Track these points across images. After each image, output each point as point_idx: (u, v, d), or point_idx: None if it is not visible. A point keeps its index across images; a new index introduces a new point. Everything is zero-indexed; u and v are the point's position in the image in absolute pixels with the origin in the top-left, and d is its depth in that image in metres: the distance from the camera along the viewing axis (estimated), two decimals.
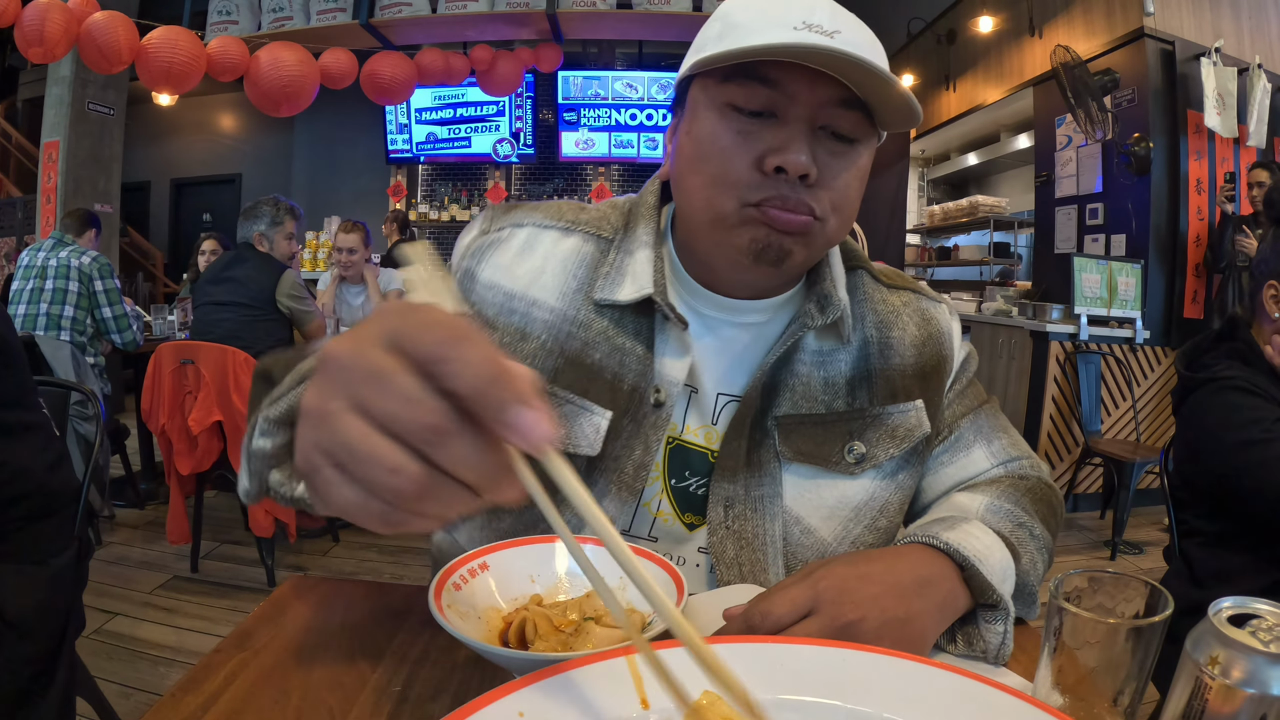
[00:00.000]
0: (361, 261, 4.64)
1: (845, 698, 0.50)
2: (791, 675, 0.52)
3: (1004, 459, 0.98)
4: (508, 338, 0.88)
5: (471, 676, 0.68)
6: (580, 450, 0.86)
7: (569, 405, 0.86)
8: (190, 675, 0.67)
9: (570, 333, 0.88)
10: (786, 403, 0.90)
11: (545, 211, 0.95)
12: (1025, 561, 0.82)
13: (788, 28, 0.75)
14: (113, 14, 4.61)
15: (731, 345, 0.92)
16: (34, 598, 1.48)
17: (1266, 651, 0.48)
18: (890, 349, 0.94)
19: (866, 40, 0.79)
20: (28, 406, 1.55)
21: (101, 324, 4.00)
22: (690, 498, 0.91)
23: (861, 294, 0.97)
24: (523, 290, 0.89)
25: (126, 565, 3.54)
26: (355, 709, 0.63)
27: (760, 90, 0.77)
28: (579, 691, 0.48)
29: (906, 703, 0.50)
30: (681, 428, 0.91)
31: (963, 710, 0.49)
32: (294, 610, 0.80)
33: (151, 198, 10.91)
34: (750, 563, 0.88)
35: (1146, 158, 5.16)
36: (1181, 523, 1.88)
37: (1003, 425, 1.02)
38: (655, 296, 0.85)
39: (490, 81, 6.01)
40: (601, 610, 0.68)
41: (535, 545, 0.77)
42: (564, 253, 0.91)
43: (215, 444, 3.22)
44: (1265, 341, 1.76)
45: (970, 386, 1.02)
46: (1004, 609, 0.75)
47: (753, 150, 0.78)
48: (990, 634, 0.74)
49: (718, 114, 0.80)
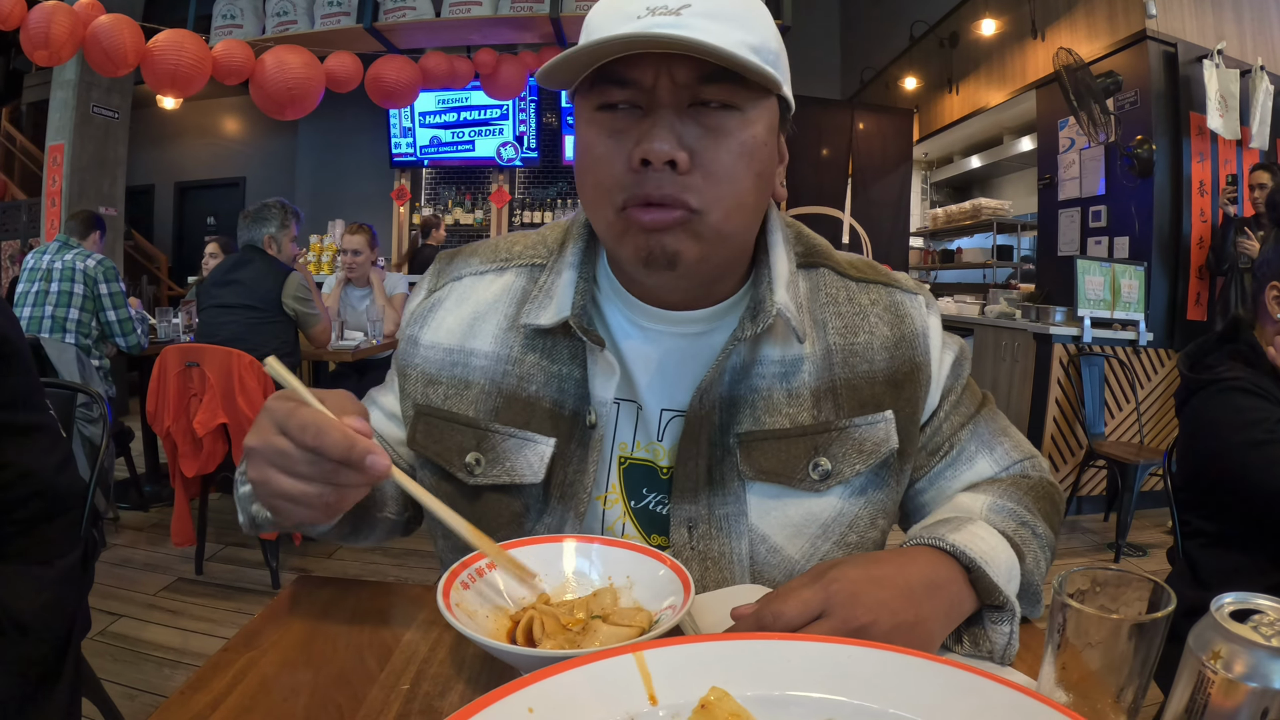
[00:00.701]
0: (367, 263, 4.64)
1: (851, 693, 0.51)
2: (799, 671, 0.52)
3: (1008, 464, 0.96)
4: (452, 389, 0.91)
5: (479, 675, 0.69)
6: (525, 479, 0.87)
7: (512, 439, 0.88)
8: (199, 674, 0.68)
9: (506, 371, 0.89)
10: (748, 419, 0.87)
11: (484, 254, 0.98)
12: (1029, 561, 0.81)
13: (630, 19, 0.73)
14: (118, 17, 4.61)
15: (671, 357, 0.89)
16: (41, 598, 1.48)
17: (1268, 646, 0.49)
18: (857, 355, 0.89)
19: (727, 6, 0.74)
20: (35, 408, 1.55)
21: (106, 327, 4.01)
22: (653, 517, 0.90)
23: (824, 294, 0.92)
24: (459, 344, 0.92)
25: (131, 567, 3.55)
26: (364, 707, 0.63)
27: (616, 89, 0.75)
28: (588, 687, 0.48)
29: (911, 698, 0.50)
30: (631, 445, 0.90)
31: (965, 704, 0.49)
32: (301, 610, 0.81)
33: (156, 201, 10.94)
34: (717, 583, 0.86)
35: (1149, 160, 5.16)
36: (1184, 524, 1.88)
37: (1002, 427, 0.99)
38: (570, 320, 0.84)
39: (494, 85, 6.01)
40: (608, 608, 0.69)
41: (541, 545, 0.78)
42: (495, 294, 0.93)
43: (220, 446, 3.23)
44: (1268, 343, 1.76)
45: (966, 393, 0.98)
46: (1010, 609, 0.75)
47: (624, 147, 0.75)
48: (997, 635, 0.74)
49: (588, 123, 0.79)
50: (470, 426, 0.89)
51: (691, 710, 0.49)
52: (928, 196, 10.17)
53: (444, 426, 0.90)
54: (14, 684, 1.46)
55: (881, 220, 7.97)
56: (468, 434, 0.89)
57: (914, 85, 8.54)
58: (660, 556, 0.75)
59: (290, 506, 0.67)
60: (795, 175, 7.71)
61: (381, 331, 4.44)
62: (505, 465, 0.87)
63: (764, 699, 0.50)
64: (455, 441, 0.89)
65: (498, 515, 0.88)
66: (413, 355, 0.94)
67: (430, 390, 0.92)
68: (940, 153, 9.59)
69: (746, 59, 0.70)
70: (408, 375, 0.94)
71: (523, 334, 0.89)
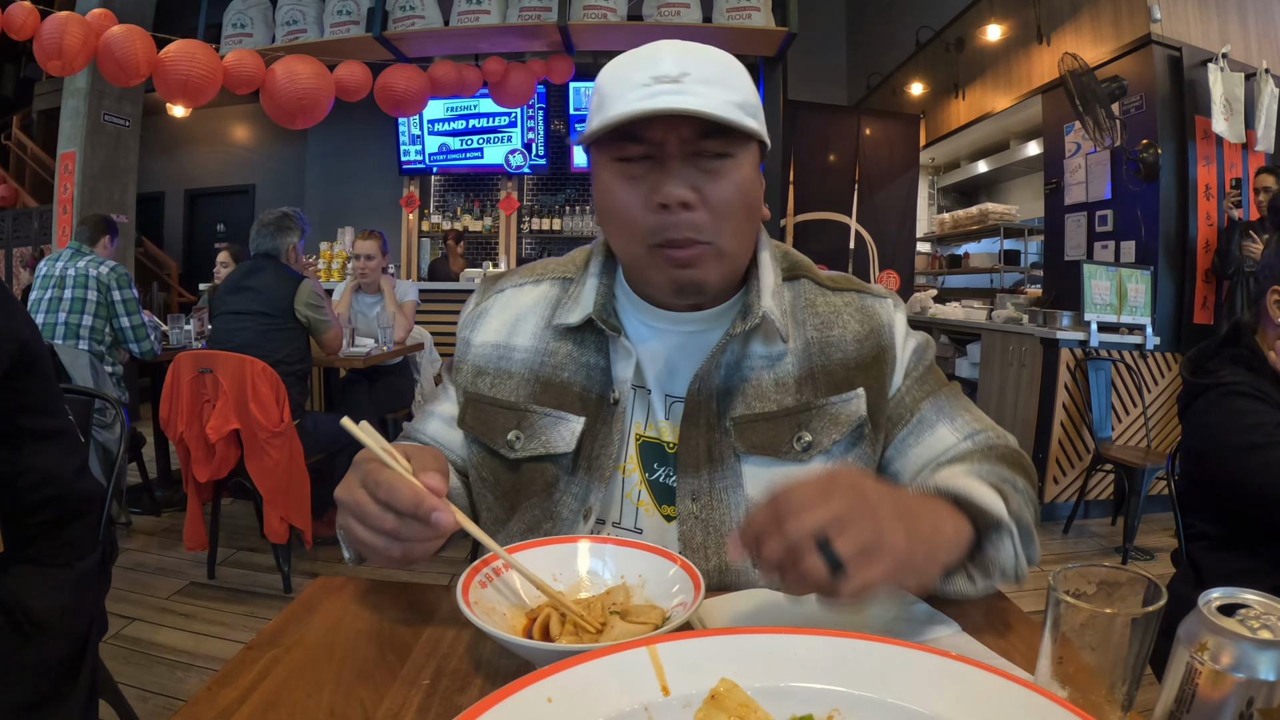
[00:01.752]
0: (378, 269, 4.67)
1: (853, 685, 0.53)
2: (804, 664, 0.54)
3: (969, 433, 1.05)
4: (497, 378, 1.08)
5: (497, 670, 0.71)
6: (558, 450, 1.02)
7: (547, 417, 1.03)
8: (225, 671, 0.70)
9: (542, 361, 1.06)
10: (741, 405, 1.01)
11: (522, 272, 1.17)
12: (1014, 505, 0.87)
13: (639, 87, 0.89)
14: (130, 28, 4.66)
15: (675, 351, 1.05)
16: (60, 599, 1.51)
17: (1253, 638, 0.51)
18: (831, 346, 1.04)
19: (715, 71, 0.92)
20: (54, 413, 1.58)
21: (120, 333, 4.05)
22: (663, 488, 1.04)
23: (804, 300, 1.08)
24: (504, 340, 1.10)
25: (143, 571, 3.58)
26: (386, 700, 0.66)
27: (634, 145, 0.92)
28: (603, 678, 0.51)
29: (910, 688, 0.52)
30: (645, 425, 1.05)
31: (961, 693, 0.51)
32: (323, 609, 0.83)
33: (166, 208, 11.03)
34: (716, 546, 0.99)
35: (1155, 164, 5.17)
36: (1188, 526, 1.90)
37: (964, 405, 1.09)
38: (594, 316, 1.02)
39: (502, 93, 6.05)
40: (622, 605, 0.72)
41: (557, 545, 0.83)
42: (533, 300, 1.12)
43: (233, 452, 3.25)
44: (1269, 347, 1.78)
45: (928, 373, 1.10)
46: (1005, 528, 0.83)
47: (641, 192, 0.92)
48: (1001, 554, 0.83)
49: (610, 171, 0.95)
50: (511, 409, 1.05)
51: (702, 700, 0.52)
52: (935, 202, 10.19)
53: (490, 410, 1.07)
54: (35, 683, 1.49)
55: (888, 226, 7.99)
56: (509, 415, 1.05)
57: (920, 91, 8.57)
58: (671, 556, 0.79)
59: (368, 554, 0.80)
60: (802, 182, 7.73)
61: (392, 338, 4.46)
62: (542, 439, 1.03)
63: (770, 690, 0.53)
64: (499, 422, 1.06)
65: (534, 482, 1.04)
66: (465, 353, 1.12)
67: (479, 380, 1.09)
68: (947, 158, 9.61)
69: (736, 119, 0.89)
70: (461, 369, 1.12)
71: (555, 331, 1.07)
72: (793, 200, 7.72)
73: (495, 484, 1.07)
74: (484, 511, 1.10)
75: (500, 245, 8.74)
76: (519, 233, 8.84)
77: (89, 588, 1.63)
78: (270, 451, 3.19)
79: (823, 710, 0.52)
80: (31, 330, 1.51)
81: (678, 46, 0.93)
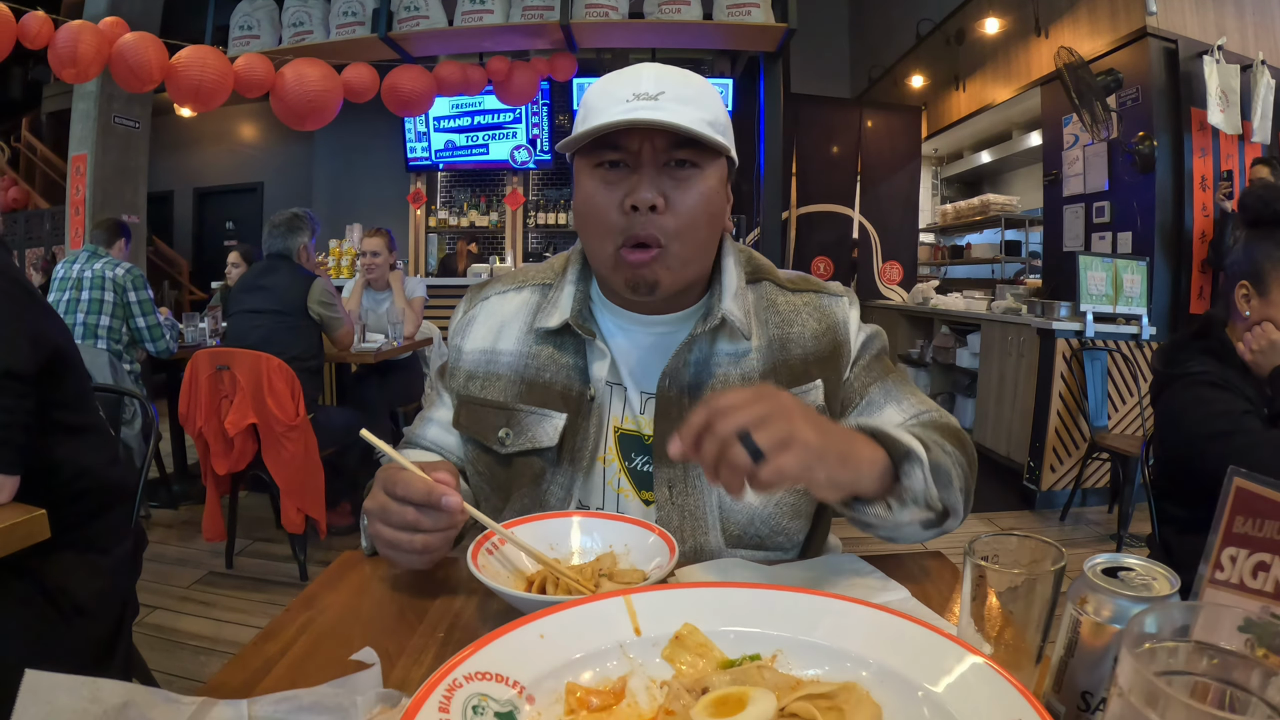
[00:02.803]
0: (385, 265, 4.77)
1: (795, 631, 0.64)
2: (755, 612, 0.65)
3: (914, 413, 1.14)
4: (487, 381, 1.17)
5: (503, 625, 0.82)
6: (543, 444, 1.12)
7: (533, 415, 1.13)
8: (268, 628, 0.82)
9: (526, 363, 1.15)
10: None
11: (505, 280, 1.26)
12: (934, 454, 0.94)
13: (621, 102, 1.00)
14: (143, 35, 4.75)
15: (645, 350, 1.14)
16: (97, 584, 1.62)
17: (1127, 594, 0.61)
18: (791, 342, 1.14)
19: (689, 92, 1.02)
20: (86, 409, 1.70)
21: (137, 333, 4.16)
22: (642, 476, 1.13)
23: (766, 300, 1.17)
24: (491, 346, 1.19)
25: (163, 562, 3.68)
26: (407, 650, 0.77)
27: (612, 153, 1.02)
28: (587, 621, 0.62)
29: (844, 634, 0.63)
30: (621, 418, 1.14)
31: (885, 639, 0.62)
32: (350, 579, 0.95)
33: (175, 207, 11.11)
34: (692, 529, 1.08)
35: (1150, 156, 5.24)
36: (1161, 511, 1.99)
37: (911, 390, 1.18)
38: (570, 320, 1.11)
39: (507, 92, 6.13)
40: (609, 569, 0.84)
41: (554, 520, 0.97)
42: (515, 307, 1.21)
43: (250, 445, 3.36)
44: (1238, 339, 1.87)
45: (876, 361, 1.19)
46: (916, 457, 0.90)
47: (617, 196, 1.02)
48: (913, 481, 0.90)
49: (590, 176, 1.05)
50: (501, 408, 1.15)
51: (668, 640, 0.63)
52: (938, 192, 10.24)
53: (481, 410, 1.16)
54: (75, 662, 1.60)
55: (891, 217, 8.06)
56: (499, 414, 1.15)
57: (921, 83, 8.63)
58: (650, 526, 0.93)
59: (395, 554, 0.90)
60: (805, 174, 7.80)
61: (402, 333, 4.57)
62: (528, 435, 1.12)
63: (724, 633, 0.64)
64: (490, 421, 1.15)
65: (523, 474, 1.13)
66: (457, 359, 1.22)
67: (470, 383, 1.18)
68: (950, 148, 9.66)
69: (706, 134, 0.99)
70: (454, 375, 1.21)
71: (537, 335, 1.16)
72: (796, 193, 7.79)
73: (490, 477, 1.17)
74: (482, 502, 1.19)
75: (506, 240, 8.83)
76: (525, 227, 8.93)
77: (123, 573, 1.74)
78: (287, 445, 3.30)
79: (768, 650, 0.63)
80: (63, 332, 1.62)
81: (658, 69, 1.04)
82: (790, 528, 1.11)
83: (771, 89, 6.49)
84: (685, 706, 0.55)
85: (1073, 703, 0.62)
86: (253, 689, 0.66)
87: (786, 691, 0.56)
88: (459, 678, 0.54)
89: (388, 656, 0.74)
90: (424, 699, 0.51)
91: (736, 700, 0.54)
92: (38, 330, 1.53)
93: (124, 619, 1.75)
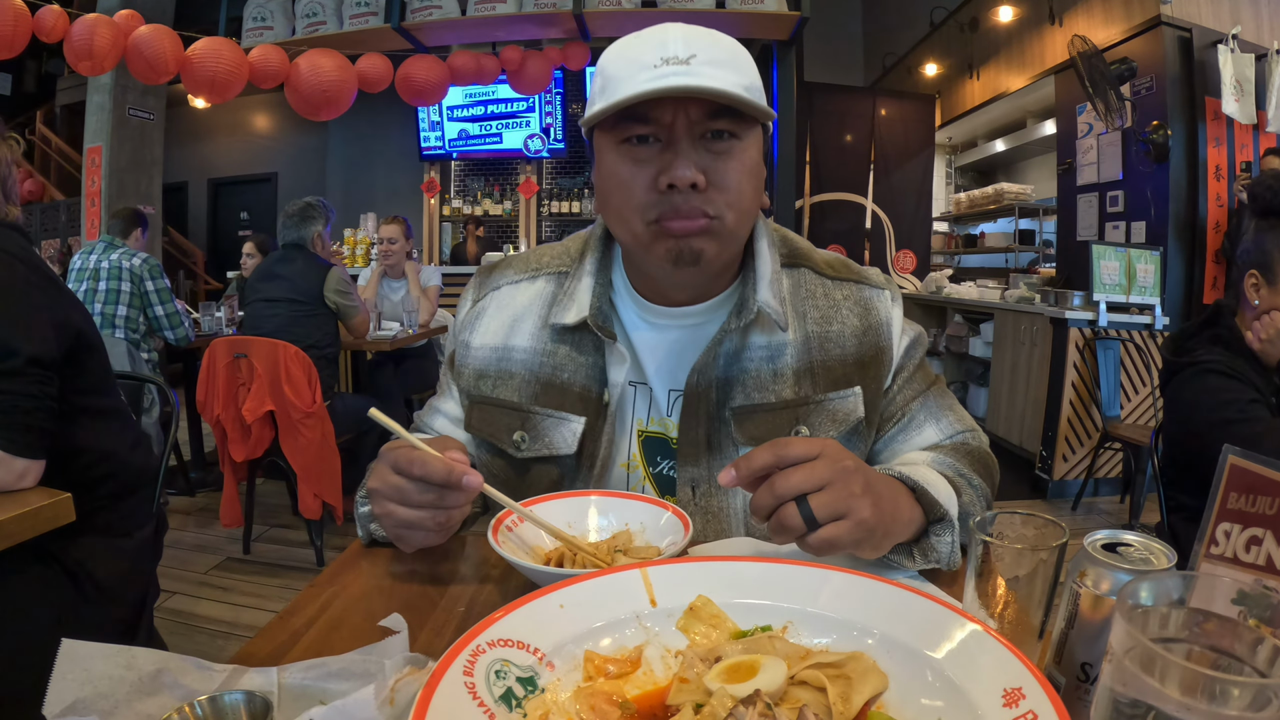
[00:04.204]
0: (402, 252, 4.82)
1: (806, 603, 0.66)
2: (767, 585, 0.68)
3: (951, 434, 1.11)
4: (499, 380, 1.10)
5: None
6: (560, 451, 1.06)
7: (549, 418, 1.07)
8: (294, 603, 0.85)
9: (542, 362, 1.08)
10: (740, 396, 1.04)
11: (517, 266, 1.17)
12: (965, 499, 0.94)
13: (649, 68, 0.90)
14: (157, 27, 4.78)
15: (674, 345, 1.07)
16: (121, 565, 1.66)
17: (1126, 567, 0.63)
18: (830, 341, 1.06)
19: (722, 54, 0.92)
20: (109, 394, 1.73)
21: (155, 321, 4.21)
22: (668, 481, 1.08)
23: (804, 290, 1.10)
24: (503, 342, 1.11)
25: (181, 548, 3.74)
26: (428, 625, 0.79)
27: (641, 126, 0.93)
28: (605, 592, 0.65)
29: (852, 607, 0.65)
30: (646, 421, 1.09)
31: (893, 612, 0.64)
32: (370, 557, 0.98)
33: (190, 198, 11.18)
34: (716, 531, 1.05)
35: (1164, 145, 5.22)
36: (1170, 499, 2.00)
37: (949, 404, 1.14)
38: (589, 320, 1.03)
39: (520, 81, 6.14)
40: (625, 545, 0.87)
41: (572, 499, 0.98)
42: (529, 299, 1.12)
43: (267, 432, 3.40)
44: (1246, 328, 1.88)
45: (918, 371, 1.14)
46: (949, 522, 0.88)
47: (648, 174, 0.93)
48: (940, 544, 0.88)
49: (616, 153, 0.96)
50: (515, 410, 1.08)
51: (682, 612, 0.66)
52: (952, 181, 10.20)
53: (494, 411, 1.09)
54: (98, 639, 1.63)
55: (904, 206, 8.05)
56: (514, 416, 1.08)
57: (935, 71, 8.60)
58: (664, 504, 0.95)
59: (410, 533, 0.86)
60: (818, 163, 7.79)
61: (417, 321, 4.61)
62: (545, 440, 1.06)
63: (739, 605, 0.67)
64: (504, 423, 1.08)
65: (540, 481, 1.08)
66: (466, 356, 1.13)
67: (481, 383, 1.11)
68: (964, 137, 9.62)
69: (748, 99, 0.90)
70: (462, 373, 1.14)
71: (553, 331, 1.08)
72: (809, 181, 7.79)
73: (505, 481, 1.09)
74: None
75: (520, 229, 8.87)
76: (539, 216, 8.96)
77: (145, 555, 1.78)
78: (304, 431, 3.34)
79: (779, 622, 0.65)
80: (85, 318, 1.65)
81: (684, 29, 0.93)
82: None
83: (785, 77, 6.48)
84: (699, 674, 0.58)
85: (1072, 674, 0.64)
86: (280, 660, 0.69)
87: (796, 660, 0.59)
88: (482, 644, 0.57)
89: (410, 630, 0.76)
90: (449, 663, 0.53)
91: (748, 668, 0.57)
92: (61, 316, 1.56)
93: (146, 601, 1.79)
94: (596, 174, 1.02)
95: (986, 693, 0.54)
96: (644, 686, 0.61)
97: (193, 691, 0.60)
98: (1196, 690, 0.41)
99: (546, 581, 0.68)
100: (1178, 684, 0.42)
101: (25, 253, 1.57)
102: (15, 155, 1.74)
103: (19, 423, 1.39)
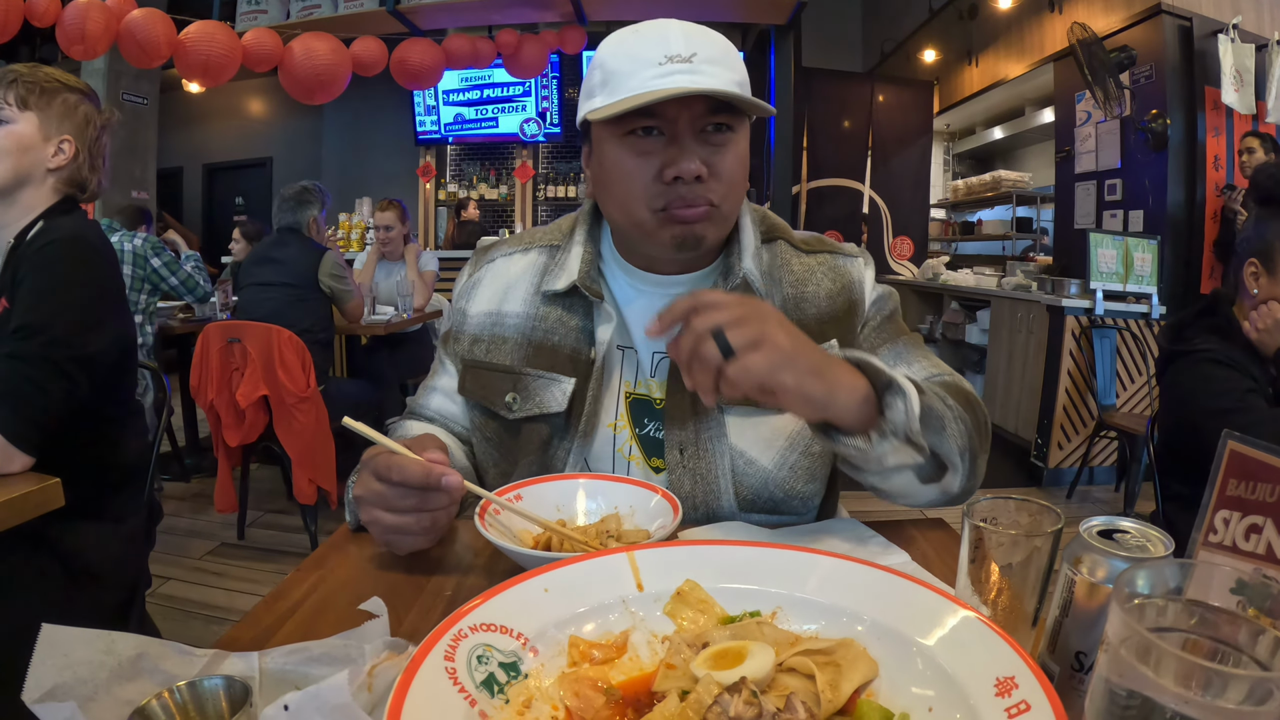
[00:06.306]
0: (400, 238, 4.79)
1: (793, 588, 0.65)
2: (754, 570, 0.67)
3: (925, 376, 1.09)
4: (493, 344, 1.15)
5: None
6: (551, 409, 1.10)
7: (540, 379, 1.11)
8: (279, 587, 0.84)
9: (533, 326, 1.13)
10: None
11: (511, 242, 1.24)
12: (928, 398, 0.90)
13: (653, 66, 0.96)
14: (151, 11, 4.74)
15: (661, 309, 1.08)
16: (112, 551, 1.65)
17: (1122, 555, 0.62)
18: (806, 302, 1.12)
19: (718, 52, 0.98)
20: (131, 398, 1.75)
21: (173, 292, 4.12)
22: (653, 442, 1.11)
23: (780, 260, 1.16)
24: (497, 308, 1.17)
25: (176, 534, 3.73)
26: (415, 608, 0.79)
27: (647, 120, 0.98)
28: (591, 576, 0.64)
29: (839, 592, 0.64)
30: (634, 383, 1.12)
31: (881, 596, 0.63)
32: (357, 541, 0.97)
33: (184, 183, 11.10)
34: (704, 494, 1.07)
35: (1164, 134, 5.20)
36: (1165, 487, 2.00)
37: (923, 353, 1.15)
38: (578, 282, 1.09)
39: (516, 65, 6.11)
40: (615, 529, 0.86)
41: (560, 481, 0.98)
42: (522, 269, 1.19)
43: (261, 418, 3.38)
44: (1244, 317, 1.86)
45: (888, 321, 1.17)
46: (898, 388, 0.86)
47: (652, 166, 0.99)
48: (894, 413, 0.86)
49: (620, 145, 1.01)
50: (508, 372, 1.13)
51: (669, 596, 0.65)
52: (950, 168, 10.18)
53: (488, 375, 1.14)
54: (88, 625, 1.63)
55: (902, 192, 8.04)
56: (506, 378, 1.13)
57: (933, 58, 8.56)
58: (654, 488, 0.94)
59: (398, 538, 0.88)
60: (816, 148, 7.76)
61: (412, 306, 4.58)
62: (536, 400, 1.11)
63: (726, 590, 0.65)
64: (497, 385, 1.13)
65: (531, 440, 1.11)
66: (462, 322, 1.20)
67: (475, 347, 1.16)
68: (962, 124, 9.60)
69: (747, 96, 0.97)
70: (459, 339, 1.19)
71: (544, 297, 1.14)
72: (806, 166, 7.76)
73: (499, 443, 1.14)
74: (490, 468, 1.17)
75: (516, 213, 8.85)
76: (534, 200, 8.94)
77: (137, 543, 1.78)
78: (298, 416, 3.33)
79: (768, 607, 0.64)
80: (132, 324, 1.68)
81: (683, 26, 0.99)
82: (805, 492, 1.09)
83: (782, 62, 6.46)
84: (685, 660, 0.57)
85: (1066, 663, 0.63)
86: (264, 644, 0.68)
87: (785, 647, 0.58)
88: (464, 628, 0.55)
89: (396, 614, 0.75)
90: (429, 648, 0.52)
91: (735, 654, 0.56)
92: (122, 329, 1.60)
93: (137, 588, 1.78)
94: (595, 162, 1.07)
95: (978, 681, 0.53)
96: (629, 672, 0.60)
97: (173, 676, 0.59)
98: (1193, 681, 0.40)
99: (533, 564, 0.67)
100: (1174, 675, 0.41)
101: (108, 250, 1.59)
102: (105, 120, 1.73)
103: (24, 414, 1.38)
